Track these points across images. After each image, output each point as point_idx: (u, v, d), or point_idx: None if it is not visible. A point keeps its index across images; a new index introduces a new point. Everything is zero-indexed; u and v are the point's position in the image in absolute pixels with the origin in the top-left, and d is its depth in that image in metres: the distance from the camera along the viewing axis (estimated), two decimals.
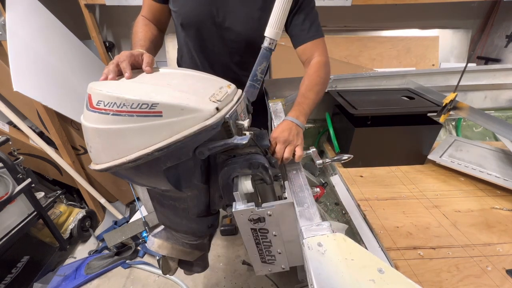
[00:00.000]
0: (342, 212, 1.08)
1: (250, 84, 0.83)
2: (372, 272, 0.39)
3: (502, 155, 1.19)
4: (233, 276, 1.62)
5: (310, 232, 0.49)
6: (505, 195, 1.04)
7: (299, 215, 0.55)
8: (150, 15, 0.97)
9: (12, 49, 1.35)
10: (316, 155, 0.78)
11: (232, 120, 0.57)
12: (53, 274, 1.64)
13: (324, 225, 0.50)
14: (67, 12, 1.99)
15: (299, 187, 0.64)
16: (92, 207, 2.00)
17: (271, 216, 0.59)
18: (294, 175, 0.69)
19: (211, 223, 0.75)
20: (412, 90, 1.42)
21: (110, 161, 0.50)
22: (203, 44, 0.98)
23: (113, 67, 0.58)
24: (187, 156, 0.53)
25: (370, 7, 2.31)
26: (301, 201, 0.59)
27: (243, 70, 1.03)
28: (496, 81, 1.53)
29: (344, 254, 0.42)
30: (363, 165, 1.25)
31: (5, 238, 1.36)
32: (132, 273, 1.68)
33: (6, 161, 1.37)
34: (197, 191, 0.65)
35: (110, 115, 0.47)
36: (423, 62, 2.34)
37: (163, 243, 0.75)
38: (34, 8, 1.61)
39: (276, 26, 0.76)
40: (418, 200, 1.04)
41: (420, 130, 1.18)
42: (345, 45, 2.34)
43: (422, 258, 0.80)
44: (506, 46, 2.35)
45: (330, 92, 1.38)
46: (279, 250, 0.66)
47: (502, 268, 0.75)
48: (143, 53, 0.65)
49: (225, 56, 1.00)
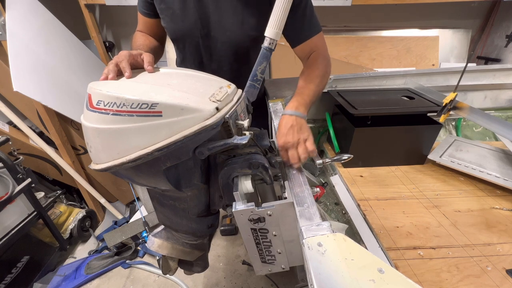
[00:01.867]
0: (342, 212, 1.08)
1: (250, 84, 0.82)
2: (372, 272, 0.39)
3: (502, 155, 1.19)
4: (233, 276, 1.62)
5: (310, 232, 0.49)
6: (505, 195, 1.04)
7: (299, 215, 0.54)
8: (146, 29, 0.99)
9: (12, 49, 1.36)
10: (316, 155, 0.78)
11: (232, 120, 0.57)
12: (53, 274, 1.64)
13: (324, 225, 0.50)
14: (67, 12, 1.99)
15: (299, 187, 0.63)
16: (92, 207, 2.00)
17: (271, 216, 0.59)
18: (294, 175, 0.69)
19: (211, 223, 0.75)
20: (412, 90, 1.41)
21: (110, 161, 0.50)
22: (193, 56, 1.00)
23: (113, 67, 0.58)
24: (187, 156, 0.53)
25: (370, 7, 2.31)
26: (301, 201, 0.58)
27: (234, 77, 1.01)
28: (496, 81, 1.53)
29: (344, 254, 0.42)
30: (363, 165, 1.25)
31: (5, 238, 1.36)
32: (132, 273, 1.68)
33: (6, 161, 1.38)
34: (197, 191, 0.65)
35: (110, 115, 0.47)
36: (423, 62, 2.34)
37: (163, 243, 0.75)
38: (34, 8, 1.62)
39: (276, 26, 0.76)
40: (418, 200, 1.04)
41: (420, 130, 1.18)
42: (345, 45, 2.34)
43: (422, 258, 0.80)
44: (506, 46, 2.34)
45: (330, 92, 1.38)
46: (279, 250, 0.66)
47: (502, 268, 0.75)
48: (142, 53, 0.65)
49: (215, 66, 1.01)
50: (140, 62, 0.64)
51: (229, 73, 1.02)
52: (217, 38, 0.94)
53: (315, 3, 0.91)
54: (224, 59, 0.99)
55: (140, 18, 0.99)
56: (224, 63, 1.01)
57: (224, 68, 1.01)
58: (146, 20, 0.97)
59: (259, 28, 0.89)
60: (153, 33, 1.00)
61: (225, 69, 1.02)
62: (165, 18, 0.93)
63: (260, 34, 0.81)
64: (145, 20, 0.98)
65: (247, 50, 0.98)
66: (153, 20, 0.97)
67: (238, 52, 0.98)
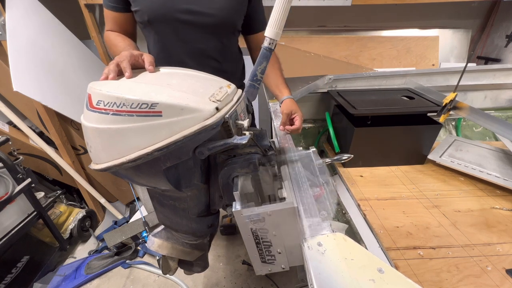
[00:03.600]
0: (342, 212, 1.08)
1: (250, 84, 0.82)
2: (372, 272, 0.39)
3: (502, 155, 1.19)
4: (233, 276, 1.62)
5: (310, 231, 0.49)
6: (505, 195, 1.04)
7: (299, 215, 0.54)
8: (117, 28, 0.94)
9: (12, 49, 1.36)
10: (316, 155, 0.78)
11: (231, 120, 0.57)
12: (53, 274, 1.64)
13: (324, 224, 0.50)
14: (67, 12, 1.99)
15: (299, 187, 0.63)
16: (92, 207, 2.00)
17: (271, 216, 0.59)
18: (294, 175, 0.69)
19: (211, 223, 0.75)
20: (412, 90, 1.41)
21: (110, 161, 0.50)
22: (175, 36, 0.94)
23: (113, 67, 0.58)
24: (187, 156, 0.53)
25: (370, 7, 2.31)
26: (301, 201, 0.58)
27: (223, 56, 1.01)
28: (496, 81, 1.53)
29: (344, 254, 0.42)
30: (363, 165, 1.25)
31: (5, 238, 1.36)
32: (132, 273, 1.68)
33: (6, 161, 1.38)
34: (197, 191, 0.65)
35: (110, 115, 0.47)
36: (423, 62, 2.34)
37: (163, 242, 0.75)
38: (34, 8, 1.61)
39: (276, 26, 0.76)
40: (418, 200, 1.04)
41: (420, 130, 1.18)
42: (345, 45, 2.33)
43: (422, 258, 0.80)
44: (506, 46, 2.34)
45: (330, 92, 1.38)
46: (279, 250, 0.66)
47: (502, 268, 0.75)
48: (142, 53, 0.65)
49: (201, 44, 0.96)
50: (141, 63, 0.64)
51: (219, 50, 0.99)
52: (203, 12, 0.89)
53: (315, 3, 0.91)
54: (211, 36, 0.95)
55: (108, 15, 0.93)
56: (212, 40, 0.96)
57: (211, 46, 0.97)
58: (115, 16, 0.92)
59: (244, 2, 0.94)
60: (124, 31, 0.95)
61: (211, 47, 0.98)
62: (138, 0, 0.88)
63: (242, 7, 0.91)
64: (114, 16, 0.92)
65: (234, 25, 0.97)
66: (123, 14, 0.92)
67: (228, 27, 0.95)
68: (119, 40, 0.89)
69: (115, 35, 0.92)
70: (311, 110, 1.55)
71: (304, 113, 0.94)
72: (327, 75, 1.47)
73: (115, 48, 0.88)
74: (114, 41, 0.90)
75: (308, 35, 2.33)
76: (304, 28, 2.37)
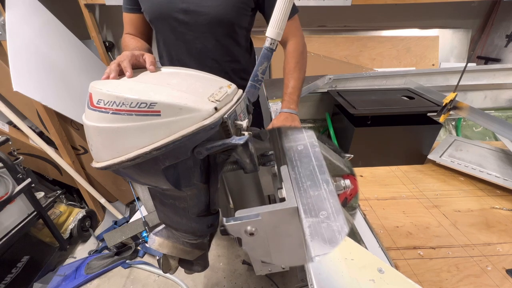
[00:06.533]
0: None
1: (251, 85, 0.82)
2: (372, 272, 0.39)
3: (502, 155, 1.19)
4: (233, 276, 1.62)
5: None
6: (505, 195, 1.04)
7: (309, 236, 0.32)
8: (134, 30, 0.98)
9: (12, 49, 1.35)
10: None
11: (230, 120, 0.56)
12: (53, 274, 1.64)
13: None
14: (67, 12, 1.99)
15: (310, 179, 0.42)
16: (92, 207, 2.00)
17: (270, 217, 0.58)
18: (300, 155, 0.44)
19: (211, 222, 0.75)
20: (412, 90, 1.41)
21: (110, 160, 0.50)
22: (174, 36, 0.96)
23: (115, 67, 0.58)
24: (185, 155, 0.53)
25: (370, 7, 2.31)
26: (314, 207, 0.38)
27: (224, 55, 1.00)
28: (496, 81, 1.53)
29: (344, 254, 0.42)
30: (363, 165, 1.25)
31: (5, 238, 1.36)
32: (132, 273, 1.68)
33: (6, 161, 1.38)
34: (196, 190, 0.65)
35: (110, 114, 0.47)
36: (423, 62, 2.34)
37: (164, 241, 0.75)
38: (34, 8, 1.62)
39: (277, 26, 0.75)
40: (418, 200, 1.04)
41: (420, 130, 1.18)
42: (345, 45, 2.34)
43: (422, 258, 0.80)
44: (506, 46, 2.34)
45: (330, 92, 1.38)
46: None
47: (502, 268, 0.75)
48: (144, 53, 0.66)
49: (199, 43, 0.96)
50: (142, 62, 0.64)
51: (218, 49, 0.99)
52: (199, 11, 0.90)
53: (315, 3, 0.91)
54: (209, 34, 0.95)
55: (126, 18, 0.98)
56: (211, 39, 0.96)
57: (211, 45, 0.97)
58: (132, 17, 0.97)
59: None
60: (141, 33, 0.99)
61: (210, 46, 0.97)
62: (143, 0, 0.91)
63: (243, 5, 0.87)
64: (131, 18, 0.97)
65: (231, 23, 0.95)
66: (138, 16, 0.96)
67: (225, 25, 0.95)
68: (131, 42, 0.94)
69: (129, 38, 0.97)
70: (311, 110, 1.55)
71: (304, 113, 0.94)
72: (327, 75, 1.47)
73: (126, 48, 0.92)
74: (127, 42, 0.94)
75: (308, 35, 2.33)
76: (304, 28, 2.36)
